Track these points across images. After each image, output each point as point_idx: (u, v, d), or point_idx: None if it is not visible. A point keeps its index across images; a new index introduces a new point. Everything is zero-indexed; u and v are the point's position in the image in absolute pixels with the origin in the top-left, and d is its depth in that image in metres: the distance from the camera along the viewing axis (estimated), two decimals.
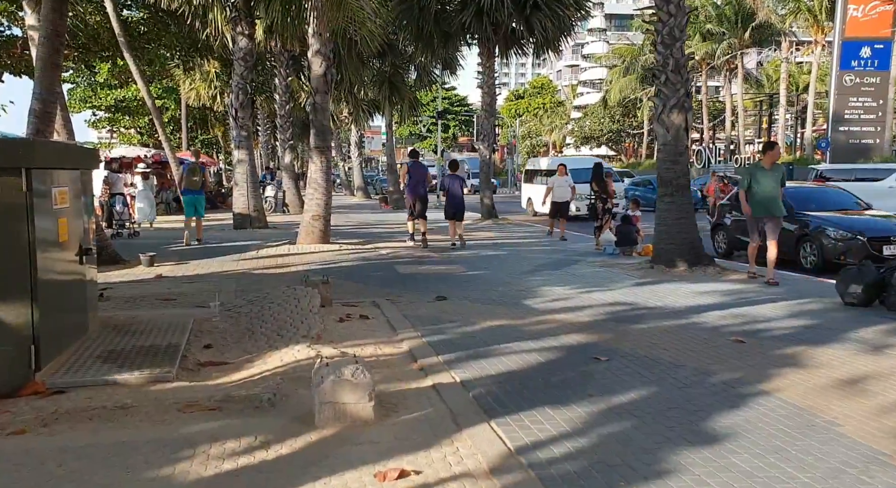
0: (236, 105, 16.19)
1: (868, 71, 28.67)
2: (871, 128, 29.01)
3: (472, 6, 17.74)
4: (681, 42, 9.80)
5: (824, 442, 3.48)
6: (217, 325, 6.12)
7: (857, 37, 28.51)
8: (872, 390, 4.35)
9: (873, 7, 28.47)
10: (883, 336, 5.74)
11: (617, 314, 6.75)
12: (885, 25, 28.76)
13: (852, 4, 28.46)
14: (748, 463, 3.25)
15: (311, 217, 12.91)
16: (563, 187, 14.60)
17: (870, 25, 28.58)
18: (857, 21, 28.47)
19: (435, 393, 4.33)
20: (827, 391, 4.32)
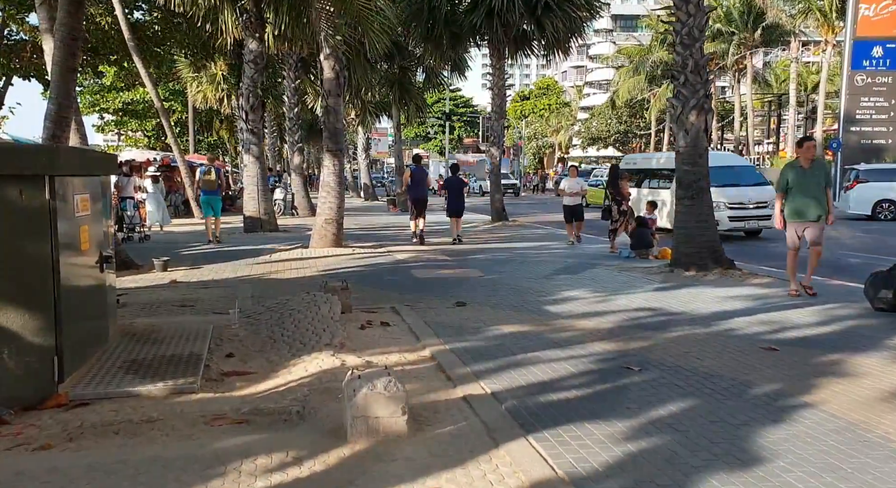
0: (246, 108, 16.11)
1: (880, 70, 28.44)
2: (884, 128, 28.77)
3: (483, 7, 17.63)
4: (700, 42, 9.68)
5: (882, 461, 3.34)
6: (237, 333, 6.01)
7: (869, 36, 28.28)
8: None
9: (885, 6, 28.24)
10: None
11: (642, 320, 6.62)
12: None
13: (864, 4, 28.24)
14: (804, 482, 3.12)
15: (323, 220, 12.82)
16: (573, 190, 14.24)
17: (882, 25, 28.35)
18: (868, 20, 28.25)
19: (466, 406, 4.22)
20: (873, 403, 4.19)
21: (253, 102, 16.01)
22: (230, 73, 24.34)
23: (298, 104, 23.50)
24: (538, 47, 19.71)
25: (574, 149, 73.27)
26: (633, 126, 58.11)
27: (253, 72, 15.85)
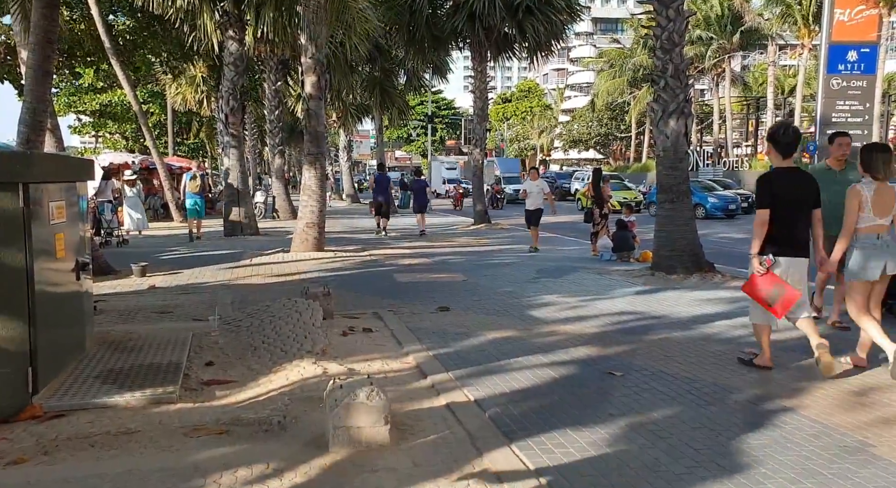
0: (226, 110, 15.97)
1: (855, 74, 28.83)
2: (859, 131, 29.10)
3: (465, 10, 17.66)
4: (680, 47, 9.76)
5: (861, 465, 3.37)
6: (217, 340, 5.94)
7: (844, 41, 28.65)
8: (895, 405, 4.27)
9: (859, 12, 28.66)
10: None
11: (624, 324, 6.65)
12: (871, 30, 28.97)
13: (839, 9, 28.62)
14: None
15: (305, 225, 12.74)
16: (534, 193, 13.37)
17: (856, 29, 28.76)
18: (843, 25, 28.63)
19: (449, 413, 4.19)
20: (851, 407, 4.23)
21: (233, 105, 15.88)
22: (210, 74, 24.13)
23: (279, 106, 23.35)
24: (519, 50, 19.78)
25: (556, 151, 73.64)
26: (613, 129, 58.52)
27: (233, 74, 15.72)
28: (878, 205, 4.80)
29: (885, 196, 4.81)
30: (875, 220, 4.82)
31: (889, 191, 4.85)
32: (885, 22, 29.70)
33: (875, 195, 4.81)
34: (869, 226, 4.83)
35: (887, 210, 4.81)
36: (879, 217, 4.81)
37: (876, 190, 4.82)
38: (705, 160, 41.58)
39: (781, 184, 4.89)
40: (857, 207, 4.84)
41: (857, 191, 4.86)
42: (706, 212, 23.16)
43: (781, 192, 4.85)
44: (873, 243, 4.82)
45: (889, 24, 30.82)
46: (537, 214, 13.39)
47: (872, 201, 4.80)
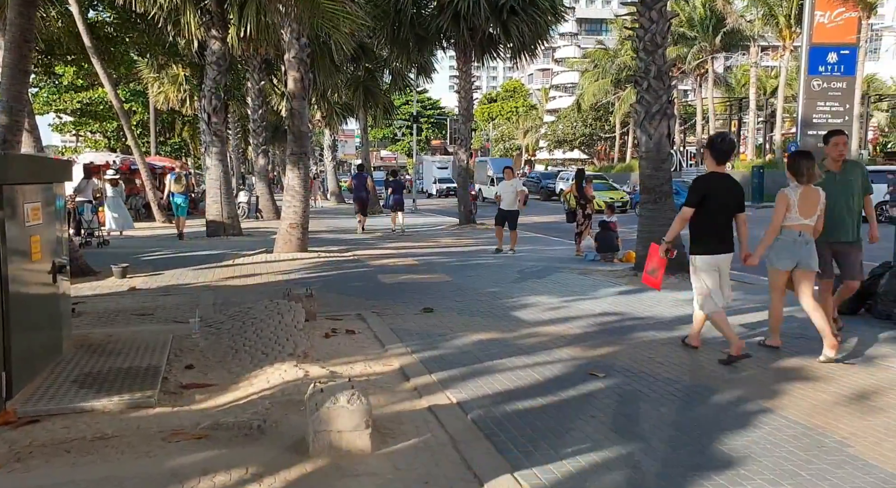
0: (209, 110, 15.82)
1: (835, 76, 29.23)
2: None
3: (449, 10, 17.62)
4: (663, 48, 9.79)
5: (837, 466, 3.40)
6: (197, 343, 5.88)
7: (824, 43, 29.05)
8: (875, 405, 4.31)
9: (839, 14, 29.05)
10: (874, 346, 5.73)
11: (607, 325, 6.67)
12: (850, 32, 29.37)
13: (819, 11, 29.00)
14: None
15: (288, 225, 12.66)
16: (510, 193, 12.90)
17: (836, 32, 29.15)
18: (823, 27, 29.02)
19: (432, 417, 4.18)
20: (830, 407, 4.27)
21: (215, 104, 15.74)
22: (193, 73, 23.92)
23: (263, 106, 23.19)
24: (504, 50, 19.78)
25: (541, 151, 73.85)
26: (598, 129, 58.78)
27: (216, 73, 15.58)
28: (803, 207, 5.31)
29: (810, 198, 5.32)
30: (800, 220, 5.32)
31: (814, 193, 5.36)
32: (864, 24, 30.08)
33: (800, 197, 5.31)
34: (794, 224, 5.33)
35: (812, 211, 5.32)
36: (804, 217, 5.32)
37: (801, 193, 5.32)
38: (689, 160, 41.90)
39: (713, 187, 5.42)
40: (784, 209, 5.34)
41: (784, 195, 5.36)
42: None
43: (712, 194, 5.38)
44: (794, 239, 5.33)
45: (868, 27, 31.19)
46: (514, 216, 12.93)
47: (798, 203, 5.31)
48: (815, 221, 5.33)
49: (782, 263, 5.38)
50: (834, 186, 5.70)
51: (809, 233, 5.33)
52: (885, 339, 5.94)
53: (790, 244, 5.34)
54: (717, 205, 5.38)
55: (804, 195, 5.30)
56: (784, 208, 5.32)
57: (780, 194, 5.39)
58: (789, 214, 5.32)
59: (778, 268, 5.43)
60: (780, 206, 5.35)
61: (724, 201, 5.40)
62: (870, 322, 6.64)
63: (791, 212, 5.31)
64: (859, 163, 6.24)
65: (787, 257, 5.35)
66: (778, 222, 5.35)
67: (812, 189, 5.35)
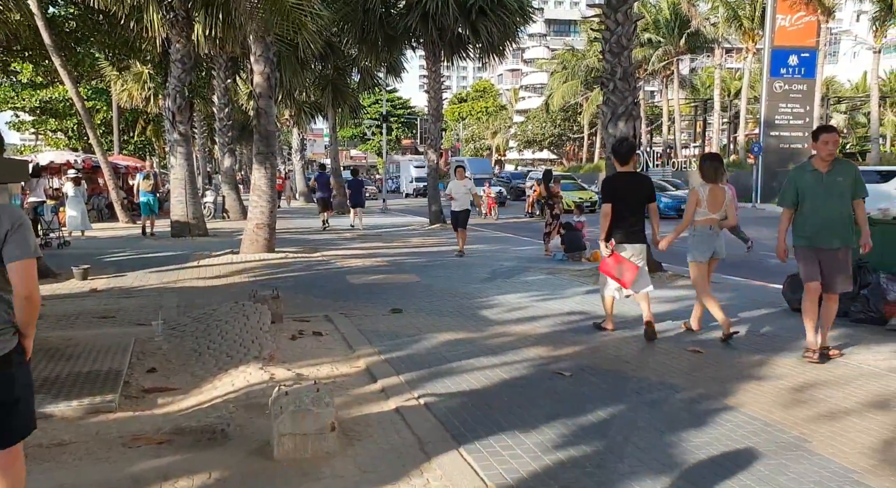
0: (173, 108, 15.57)
1: (796, 78, 29.91)
2: (800, 132, 30.28)
3: (418, 10, 17.61)
4: (628, 50, 9.91)
5: (795, 460, 3.47)
6: (160, 346, 5.78)
7: (786, 45, 29.72)
8: (831, 401, 4.41)
9: (799, 18, 29.75)
10: (832, 343, 5.86)
11: (574, 324, 6.72)
12: (810, 35, 30.11)
13: (780, 14, 29.66)
14: (725, 486, 3.21)
15: (254, 225, 12.51)
16: (461, 193, 12.67)
17: (796, 35, 29.85)
18: (785, 30, 29.68)
19: (399, 418, 4.16)
20: (789, 404, 4.36)
21: (180, 103, 15.49)
22: (157, 71, 23.48)
23: (229, 104, 22.88)
24: (473, 51, 19.82)
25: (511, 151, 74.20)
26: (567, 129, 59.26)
27: (180, 71, 15.33)
28: (711, 203, 5.96)
29: (717, 195, 5.98)
30: (709, 215, 5.97)
31: (720, 191, 6.03)
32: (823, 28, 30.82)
33: (709, 195, 5.97)
34: (705, 219, 5.97)
35: (719, 206, 5.97)
36: (713, 212, 5.97)
37: (709, 190, 5.99)
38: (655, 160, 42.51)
39: (620, 186, 6.17)
40: (695, 205, 5.99)
41: (695, 192, 6.03)
42: (660, 211, 23.49)
43: (620, 192, 6.10)
44: (707, 233, 5.98)
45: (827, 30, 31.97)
46: (465, 216, 12.72)
47: (707, 199, 5.96)
48: (721, 215, 6.00)
49: (703, 256, 6.01)
50: (818, 188, 5.28)
51: (717, 225, 6.01)
52: (841, 337, 6.09)
53: (706, 238, 5.99)
54: (625, 201, 6.06)
55: (712, 192, 5.98)
56: (695, 204, 5.99)
57: (692, 191, 6.11)
58: (699, 209, 5.97)
59: (700, 262, 6.03)
60: (692, 202, 6.01)
61: (631, 197, 6.11)
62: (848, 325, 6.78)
63: (701, 208, 5.96)
64: (851, 164, 5.62)
65: (706, 249, 5.99)
66: (689, 216, 6.03)
67: (718, 187, 6.03)
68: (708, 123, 50.80)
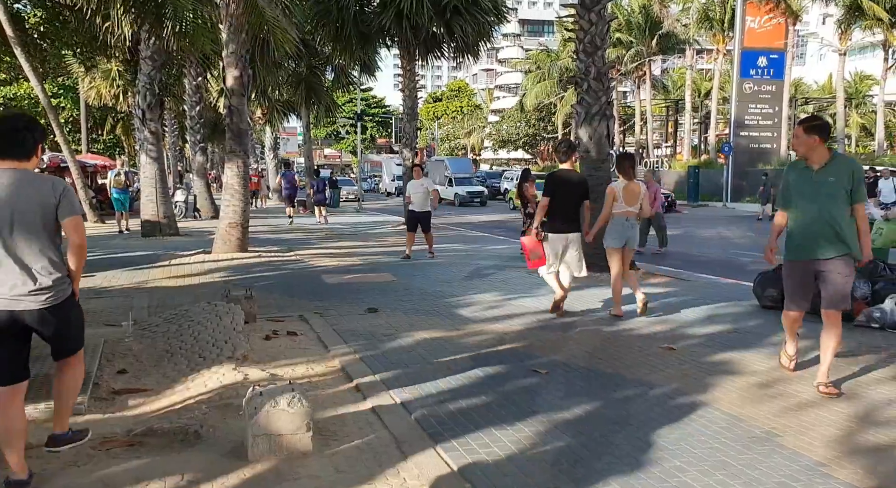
0: (143, 106, 15.31)
1: (765, 79, 30.45)
2: (769, 133, 30.85)
3: (392, 8, 17.53)
4: (602, 50, 9.99)
5: (766, 455, 3.53)
6: (131, 347, 5.67)
7: (755, 47, 30.24)
8: (800, 396, 4.50)
9: (768, 20, 30.28)
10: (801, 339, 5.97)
11: (549, 322, 6.76)
12: (778, 37, 30.67)
13: (749, 16, 30.16)
14: (698, 481, 3.25)
15: (227, 224, 12.35)
16: (419, 193, 11.92)
17: (765, 36, 30.39)
18: (754, 32, 30.20)
19: (375, 417, 4.14)
20: (760, 399, 4.43)
21: (150, 100, 15.24)
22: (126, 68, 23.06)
23: (200, 102, 22.59)
24: (448, 50, 19.80)
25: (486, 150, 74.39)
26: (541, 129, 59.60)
27: (150, 69, 15.09)
28: (627, 197, 6.79)
29: (632, 190, 6.79)
30: (625, 208, 6.80)
31: (635, 186, 6.85)
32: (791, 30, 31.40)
33: (624, 190, 6.79)
34: (621, 211, 6.80)
35: (634, 200, 6.79)
36: (629, 206, 6.80)
37: (625, 187, 6.81)
38: None
39: (560, 181, 6.89)
40: (612, 200, 6.80)
41: (612, 189, 6.89)
42: None
43: (560, 187, 6.83)
44: (623, 223, 6.83)
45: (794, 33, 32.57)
46: (426, 217, 11.94)
47: (623, 195, 6.79)
48: (637, 208, 6.85)
49: (616, 242, 6.86)
50: (805, 187, 4.51)
51: (634, 217, 6.86)
52: (810, 333, 6.20)
53: (620, 227, 6.83)
54: (565, 195, 6.84)
55: (627, 188, 6.80)
56: (612, 199, 6.81)
57: (609, 188, 6.93)
58: (617, 204, 6.79)
59: (613, 247, 6.88)
60: (609, 198, 6.82)
61: (570, 191, 6.87)
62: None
63: (618, 202, 6.79)
64: (850, 161, 4.70)
65: (619, 237, 6.82)
66: (608, 210, 6.81)
67: (634, 183, 6.87)
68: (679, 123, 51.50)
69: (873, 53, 41.74)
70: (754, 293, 7.49)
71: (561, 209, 6.82)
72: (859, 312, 6.47)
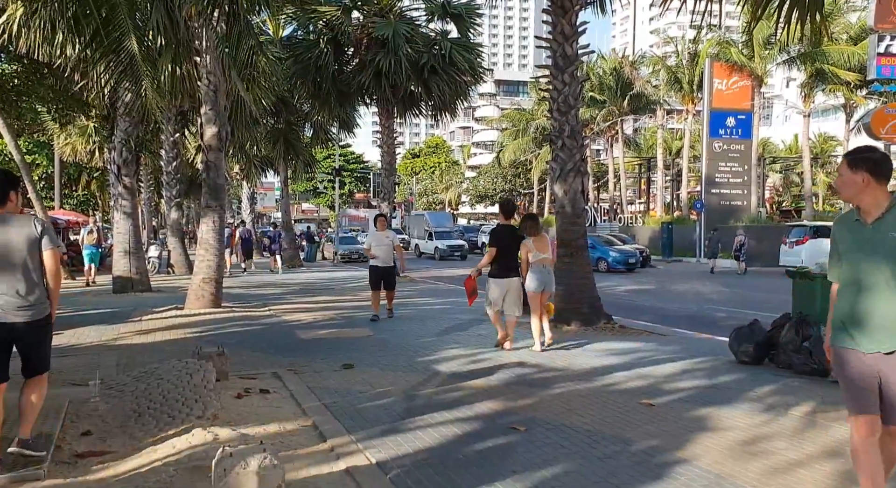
0: (119, 161, 15.27)
1: (734, 139, 31.42)
2: (739, 190, 31.62)
3: (371, 68, 17.96)
4: (575, 109, 10.25)
5: None
6: (97, 407, 5.47)
7: (723, 108, 31.32)
8: (782, 454, 4.46)
9: (735, 82, 31.48)
10: (778, 395, 5.98)
11: (527, 377, 6.68)
12: (745, 98, 31.84)
13: (717, 78, 31.34)
14: None
15: (201, 280, 12.19)
16: (383, 247, 10.77)
17: (733, 98, 31.52)
18: (721, 93, 31.32)
19: (349, 479, 4.01)
20: (740, 455, 4.38)
21: (126, 156, 15.22)
22: (103, 124, 23.09)
23: (177, 158, 22.60)
24: (426, 108, 20.24)
25: (463, 205, 75.14)
26: (517, 185, 60.50)
27: (127, 125, 15.13)
28: (539, 247, 7.96)
29: (541, 242, 8.00)
30: (541, 256, 7.96)
31: (543, 238, 8.11)
32: (757, 92, 32.63)
33: (535, 243, 7.97)
34: (538, 259, 7.95)
35: (545, 250, 8.01)
36: (542, 253, 7.97)
37: (534, 240, 7.98)
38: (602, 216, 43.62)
39: (503, 235, 8.13)
40: (527, 252, 7.94)
41: (525, 244, 7.96)
42: (608, 265, 23.88)
43: (502, 240, 8.05)
44: (541, 270, 7.97)
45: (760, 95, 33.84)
46: (391, 274, 10.93)
47: (535, 246, 7.94)
48: (550, 255, 8.09)
49: (537, 287, 7.93)
50: (858, 246, 3.19)
51: (549, 264, 8.04)
52: (787, 389, 6.22)
53: (539, 274, 7.92)
54: (507, 247, 7.97)
55: (536, 241, 7.99)
56: (527, 252, 7.96)
57: (522, 244, 7.99)
58: (532, 254, 7.92)
59: (534, 291, 7.93)
60: (524, 252, 7.97)
61: (510, 244, 8.00)
62: (773, 371, 6.95)
63: (532, 253, 7.92)
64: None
65: (539, 283, 7.91)
66: (526, 262, 7.97)
67: (542, 236, 8.08)
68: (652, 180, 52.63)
69: (835, 115, 43.47)
70: (730, 348, 7.51)
71: (503, 258, 7.94)
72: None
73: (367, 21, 18.72)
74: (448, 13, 18.58)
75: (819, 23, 7.03)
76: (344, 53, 19.48)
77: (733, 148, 31.48)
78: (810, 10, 6.73)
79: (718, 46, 32.44)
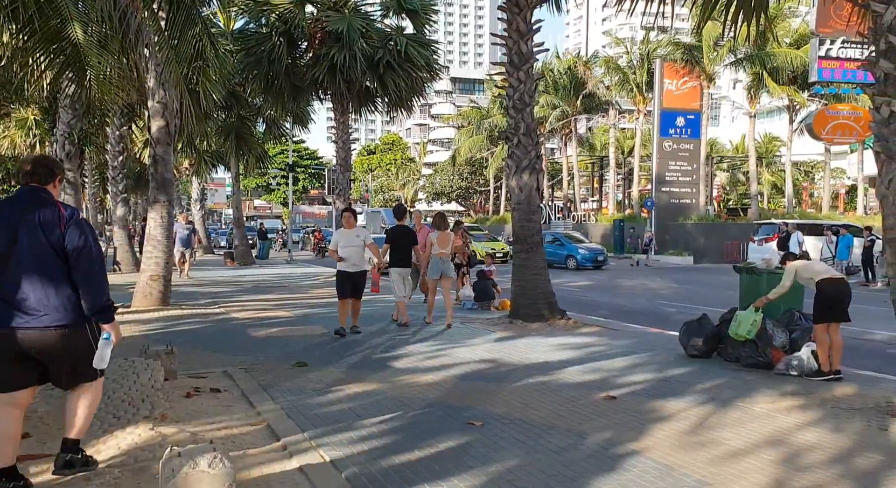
0: (62, 155, 14.78)
1: (683, 138, 32.13)
2: (688, 189, 32.37)
3: (325, 62, 17.68)
4: (531, 107, 10.32)
5: None
6: (36, 409, 5.25)
7: (673, 108, 31.98)
8: (729, 443, 4.57)
9: (684, 82, 32.19)
10: (726, 388, 6.14)
11: (483, 372, 6.70)
12: (694, 99, 32.58)
13: (667, 79, 31.99)
14: None
15: (148, 277, 11.84)
16: (352, 247, 8.94)
17: (682, 98, 32.23)
18: (672, 94, 31.99)
19: (303, 477, 3.94)
20: (690, 447, 4.47)
21: (69, 149, 14.73)
22: (44, 117, 22.23)
23: (124, 152, 21.90)
24: (382, 104, 20.06)
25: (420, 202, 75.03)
26: (473, 182, 60.70)
27: (70, 117, 14.63)
28: (441, 243, 9.69)
29: (443, 238, 9.68)
30: (440, 250, 9.69)
31: (446, 235, 9.76)
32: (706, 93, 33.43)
33: (438, 239, 9.67)
34: (437, 253, 9.68)
35: (445, 244, 9.71)
36: (442, 248, 9.69)
37: (438, 236, 9.68)
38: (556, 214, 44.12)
39: (398, 233, 9.81)
40: (430, 245, 9.66)
41: (429, 239, 9.71)
42: (577, 263, 23.90)
43: (397, 237, 9.75)
44: (438, 261, 9.73)
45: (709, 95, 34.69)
46: (361, 280, 9.16)
47: (437, 242, 9.65)
48: (448, 250, 9.82)
49: (434, 274, 9.77)
50: None
51: (447, 257, 9.80)
52: (734, 381, 6.38)
53: (437, 264, 9.71)
54: (401, 243, 9.68)
55: (440, 237, 9.65)
56: (429, 245, 9.67)
57: (427, 238, 9.73)
58: (433, 248, 9.64)
59: (433, 278, 9.82)
60: (428, 245, 9.67)
61: (404, 240, 9.78)
62: (721, 364, 7.13)
63: (434, 247, 9.64)
64: None
65: (436, 271, 9.72)
66: (427, 253, 9.73)
67: (445, 233, 9.74)
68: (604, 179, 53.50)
69: (780, 116, 44.87)
70: (680, 342, 7.67)
71: (398, 252, 9.56)
72: (778, 360, 6.70)
73: (321, 15, 18.42)
74: (404, 9, 18.43)
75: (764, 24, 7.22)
76: (297, 47, 19.13)
77: (683, 147, 32.20)
78: (755, 12, 6.91)
79: (669, 46, 33.11)
